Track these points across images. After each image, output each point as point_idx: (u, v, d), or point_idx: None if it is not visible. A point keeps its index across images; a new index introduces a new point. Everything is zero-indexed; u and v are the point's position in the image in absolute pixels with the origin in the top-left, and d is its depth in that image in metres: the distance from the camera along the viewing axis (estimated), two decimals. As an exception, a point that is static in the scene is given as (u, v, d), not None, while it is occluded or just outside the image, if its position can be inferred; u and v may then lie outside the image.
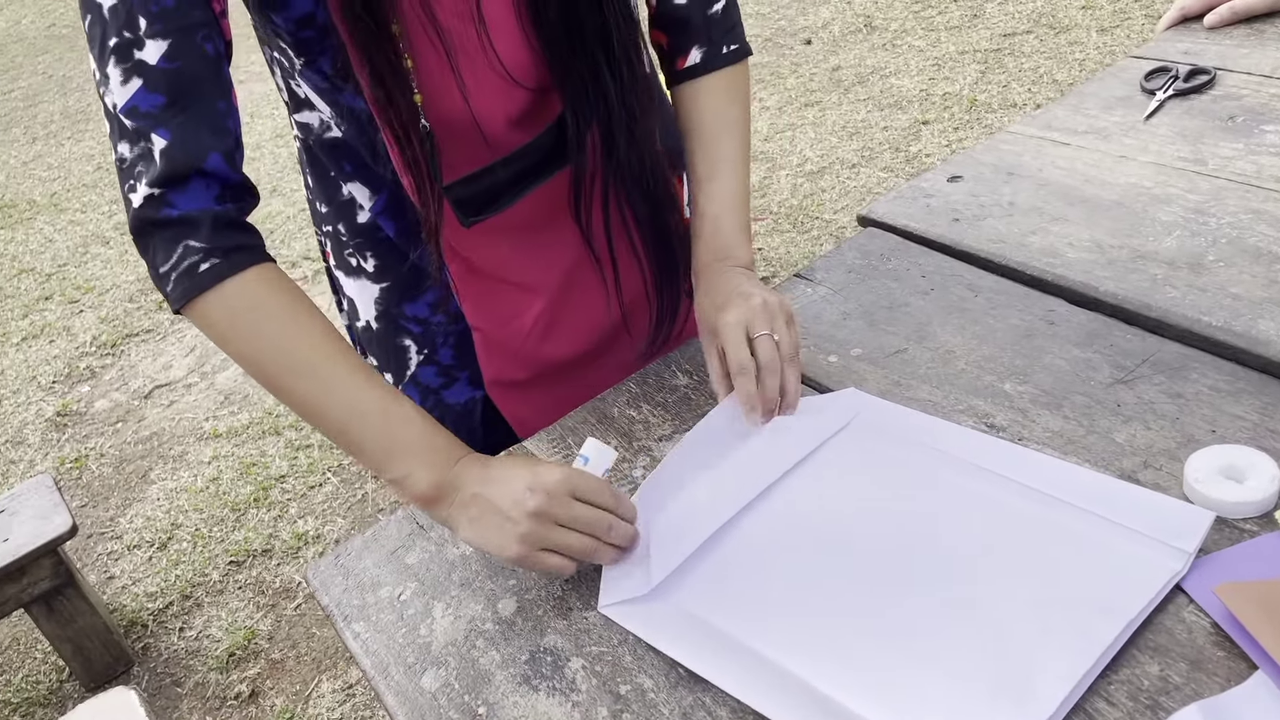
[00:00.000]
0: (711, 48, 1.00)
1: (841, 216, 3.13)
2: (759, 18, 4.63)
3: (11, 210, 4.65)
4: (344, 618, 0.87)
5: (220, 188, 0.81)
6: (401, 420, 0.83)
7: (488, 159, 0.97)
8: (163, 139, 0.78)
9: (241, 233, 0.83)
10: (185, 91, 0.79)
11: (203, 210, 0.80)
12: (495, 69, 0.92)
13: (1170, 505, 0.77)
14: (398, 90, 0.86)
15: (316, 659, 2.16)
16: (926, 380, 0.95)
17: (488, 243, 1.02)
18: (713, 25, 1.00)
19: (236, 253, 0.81)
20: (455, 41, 0.89)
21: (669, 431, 0.97)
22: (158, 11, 0.77)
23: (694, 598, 0.80)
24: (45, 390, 3.28)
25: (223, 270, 0.80)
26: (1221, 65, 1.34)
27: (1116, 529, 0.76)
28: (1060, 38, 3.72)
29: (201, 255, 0.80)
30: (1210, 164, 1.15)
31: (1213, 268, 1.00)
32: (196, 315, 0.82)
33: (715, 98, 1.00)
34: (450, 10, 0.88)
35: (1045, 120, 1.32)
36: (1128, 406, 0.87)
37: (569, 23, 0.90)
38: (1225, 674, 0.66)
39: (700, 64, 1.00)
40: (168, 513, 2.66)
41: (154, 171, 0.79)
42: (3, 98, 6.23)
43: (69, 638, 2.13)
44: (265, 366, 0.82)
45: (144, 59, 0.77)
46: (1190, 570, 0.72)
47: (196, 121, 0.79)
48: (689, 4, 0.99)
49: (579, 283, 1.09)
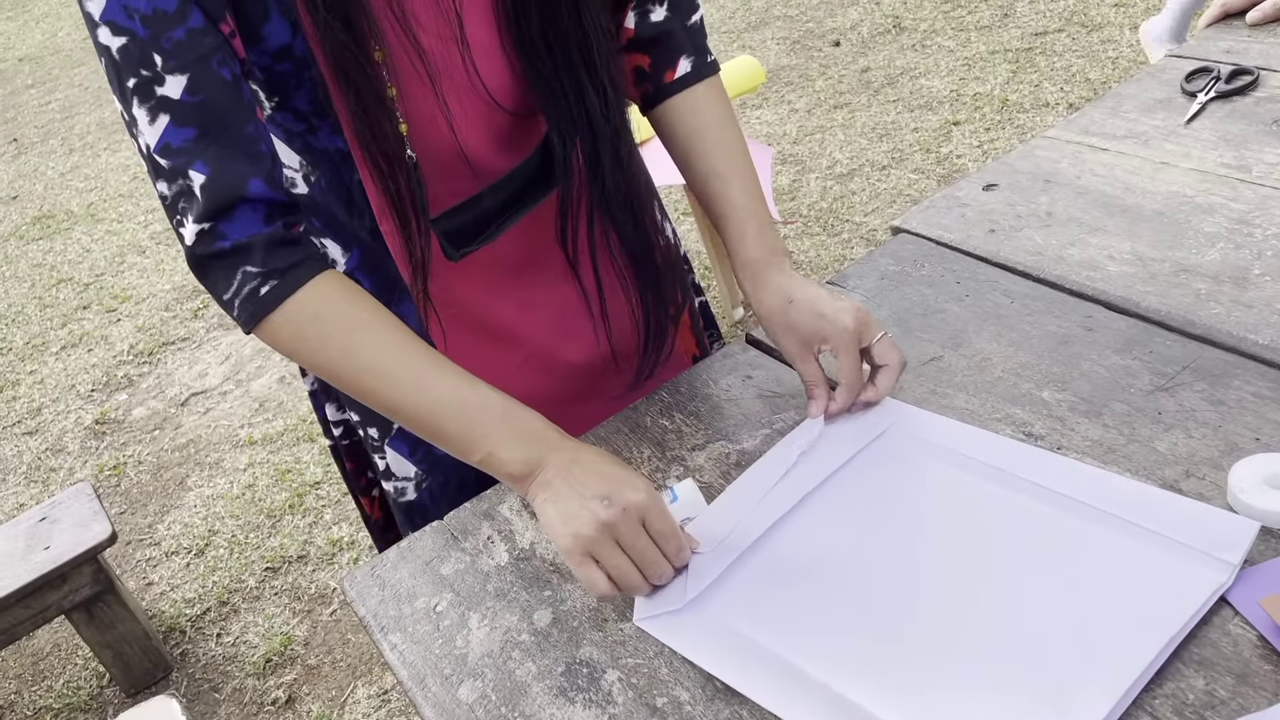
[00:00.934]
0: (699, 56, 1.00)
1: (872, 219, 3.12)
2: (786, 20, 4.62)
3: (50, 220, 4.73)
4: (380, 629, 0.87)
5: (267, 209, 0.81)
6: (478, 406, 0.83)
7: (474, 188, 0.97)
8: (201, 174, 0.78)
9: (295, 249, 0.83)
10: (214, 122, 0.78)
11: (254, 235, 0.81)
12: (480, 94, 0.91)
13: (1214, 515, 0.76)
14: (383, 119, 0.85)
15: (352, 665, 2.17)
16: (963, 388, 0.95)
17: (473, 282, 1.01)
18: (694, 35, 1.00)
19: (293, 270, 0.82)
20: (439, 66, 0.88)
21: (702, 441, 0.97)
22: (170, 47, 0.76)
23: (729, 610, 0.80)
24: (84, 399, 3.33)
25: (282, 290, 0.82)
26: (1265, 65, 1.31)
27: (1159, 540, 0.75)
28: (1093, 36, 3.68)
29: (260, 279, 0.81)
30: (1255, 171, 1.13)
31: (1258, 282, 0.98)
32: (266, 335, 0.84)
33: (715, 104, 1.00)
34: (433, 34, 0.86)
35: (1082, 124, 1.30)
36: (1169, 414, 0.86)
37: (550, 40, 0.90)
38: (1273, 687, 0.65)
39: (692, 72, 0.99)
40: (205, 519, 2.69)
41: (198, 207, 0.79)
42: (40, 109, 6.33)
43: (109, 644, 2.16)
44: (340, 374, 0.84)
45: (167, 94, 0.77)
46: (1235, 582, 0.71)
47: (231, 150, 0.79)
48: (669, 18, 0.99)
49: (568, 320, 1.07)
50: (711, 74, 1.00)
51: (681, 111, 1.00)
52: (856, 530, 0.84)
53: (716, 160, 0.99)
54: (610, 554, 0.78)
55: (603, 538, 0.78)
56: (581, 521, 0.77)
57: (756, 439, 0.96)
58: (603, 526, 0.77)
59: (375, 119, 0.85)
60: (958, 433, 0.89)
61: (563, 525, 0.78)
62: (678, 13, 0.99)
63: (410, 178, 0.89)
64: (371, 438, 1.07)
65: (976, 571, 0.77)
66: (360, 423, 1.07)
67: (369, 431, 1.07)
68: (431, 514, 1.00)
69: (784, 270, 0.95)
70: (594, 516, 0.77)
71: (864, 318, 0.90)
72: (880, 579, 0.79)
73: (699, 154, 0.99)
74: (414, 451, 1.07)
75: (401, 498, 1.09)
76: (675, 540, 0.80)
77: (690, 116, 0.99)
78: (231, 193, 0.79)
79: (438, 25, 0.86)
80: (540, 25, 0.89)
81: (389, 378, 0.83)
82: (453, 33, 0.87)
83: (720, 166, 0.98)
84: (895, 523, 0.83)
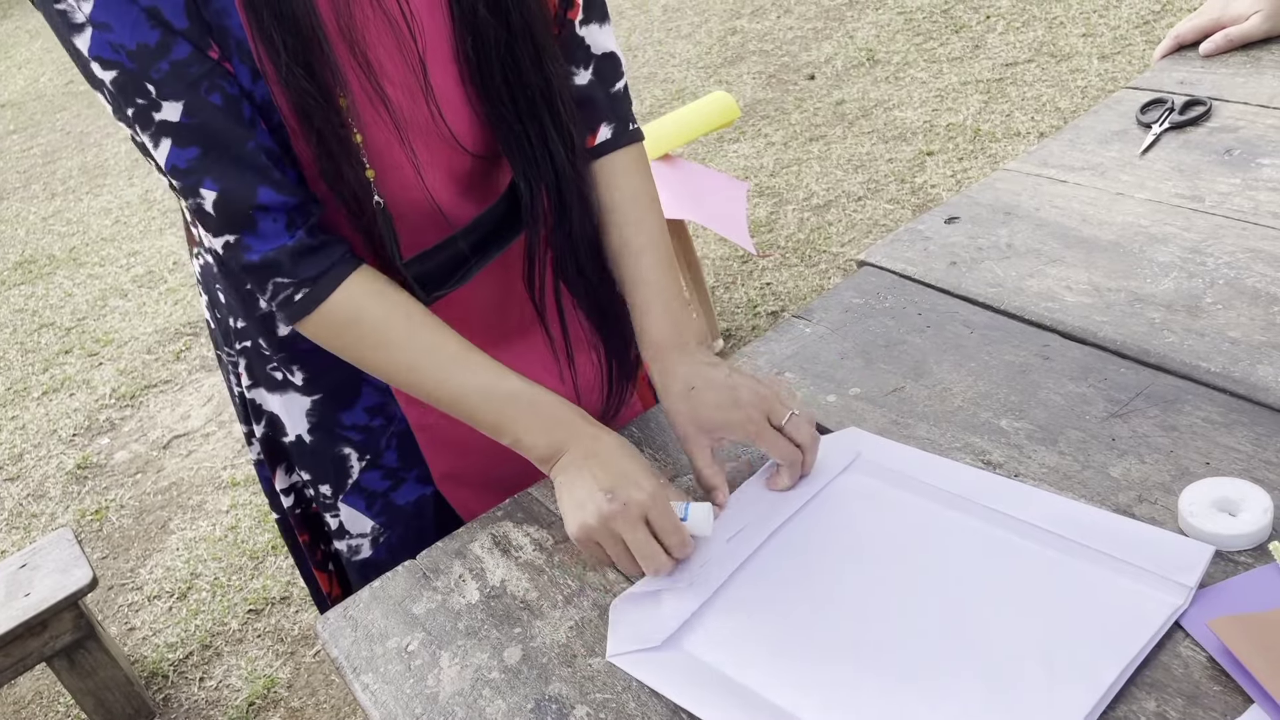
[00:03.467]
0: (619, 124, 0.99)
1: (849, 250, 3.15)
2: (762, 55, 4.68)
3: (32, 265, 4.73)
4: (353, 669, 0.88)
5: (286, 216, 0.84)
6: (506, 396, 0.89)
7: (443, 232, 0.97)
8: (211, 190, 0.82)
9: (322, 255, 0.87)
10: (215, 141, 0.81)
11: (279, 248, 0.84)
12: (446, 139, 0.92)
13: (1169, 540, 0.77)
14: (347, 166, 0.86)
15: (336, 706, 2.16)
16: (924, 418, 0.96)
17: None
18: (617, 102, 1.00)
19: (324, 277, 0.87)
20: (404, 113, 0.88)
21: (671, 475, 0.98)
22: (160, 78, 0.78)
23: (700, 644, 0.81)
24: (66, 443, 3.32)
25: (316, 295, 0.87)
26: (1217, 95, 1.34)
27: (1117, 564, 0.76)
28: (1061, 66, 3.74)
29: (292, 288, 0.86)
30: (1207, 200, 1.16)
31: (1211, 310, 1.00)
32: (308, 333, 0.90)
33: (634, 175, 0.99)
34: (397, 82, 0.87)
35: (1042, 156, 1.33)
36: (1122, 440, 0.88)
37: (513, 87, 0.91)
38: (1222, 709, 0.66)
39: (611, 139, 0.99)
40: (187, 562, 2.68)
41: (214, 224, 0.83)
42: (22, 154, 6.34)
43: (91, 690, 2.14)
44: (379, 369, 0.91)
45: (166, 119, 0.79)
46: (1186, 604, 0.73)
47: (237, 165, 0.82)
48: (590, 84, 0.98)
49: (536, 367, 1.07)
50: (630, 142, 1.00)
51: (599, 181, 0.99)
52: (823, 563, 0.85)
53: (629, 234, 0.98)
54: (611, 544, 0.85)
55: (604, 529, 0.84)
56: (588, 512, 0.84)
57: (726, 471, 0.97)
58: (604, 519, 0.83)
59: (340, 166, 0.86)
60: (920, 461, 0.91)
61: (572, 512, 0.85)
62: (601, 79, 0.99)
63: (378, 223, 0.90)
64: (324, 495, 1.06)
65: (941, 600, 0.78)
66: (311, 481, 1.06)
67: (320, 489, 1.06)
68: (387, 569, 0.98)
69: (686, 350, 0.94)
70: (597, 509, 0.83)
71: (768, 401, 0.89)
72: (846, 610, 0.80)
73: (613, 225, 0.99)
74: (371, 505, 1.07)
75: (356, 556, 1.08)
76: (676, 535, 0.84)
77: (607, 188, 0.99)
78: (243, 205, 0.82)
79: (401, 73, 0.87)
80: (502, 72, 0.90)
81: (422, 373, 0.89)
82: (417, 80, 0.88)
83: (633, 240, 0.98)
84: (861, 554, 0.85)
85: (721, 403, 0.90)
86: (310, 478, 1.06)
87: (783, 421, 0.90)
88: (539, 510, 0.99)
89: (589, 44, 0.97)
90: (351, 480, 1.06)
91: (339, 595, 1.17)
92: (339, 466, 1.06)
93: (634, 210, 0.99)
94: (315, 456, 1.07)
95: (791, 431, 0.90)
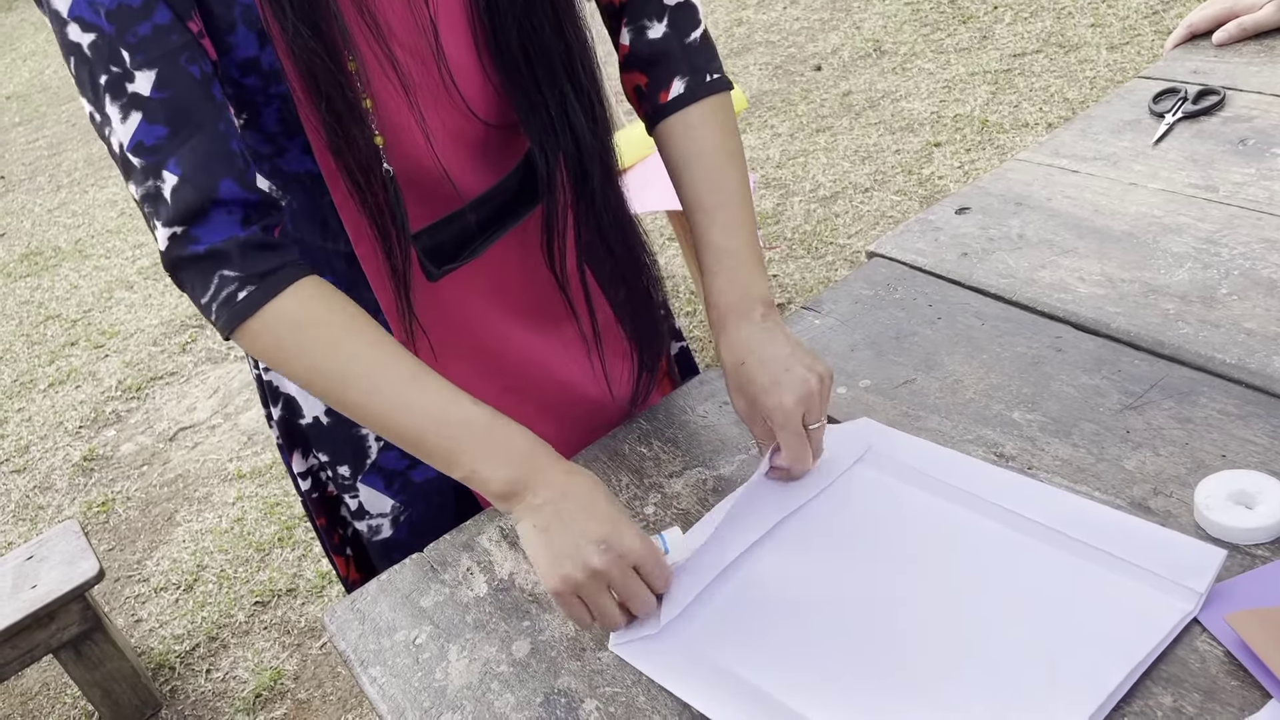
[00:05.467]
0: (695, 75, 0.95)
1: (856, 241, 3.14)
2: (768, 45, 4.66)
3: (38, 258, 4.73)
4: (361, 662, 0.87)
5: (243, 211, 0.79)
6: (461, 422, 0.81)
7: (454, 204, 0.94)
8: (173, 174, 0.77)
9: (273, 253, 0.81)
10: (184, 120, 0.77)
11: (229, 239, 0.78)
12: (457, 106, 0.89)
13: (1182, 543, 0.76)
14: (356, 131, 0.83)
15: (342, 698, 2.16)
16: (935, 410, 0.96)
17: (454, 304, 0.98)
18: (693, 53, 0.96)
19: (271, 275, 0.80)
20: (414, 78, 0.85)
21: (679, 468, 0.98)
22: (135, 42, 0.75)
23: (703, 636, 0.80)
24: (72, 435, 3.32)
25: (260, 296, 0.79)
26: (1231, 85, 1.33)
27: (1126, 567, 0.75)
28: (1070, 56, 3.72)
29: (237, 284, 0.79)
30: (1221, 191, 1.15)
31: (1226, 301, 0.99)
32: (245, 341, 0.82)
33: (710, 128, 0.95)
34: (406, 45, 0.84)
35: (1054, 146, 1.32)
36: (1137, 433, 0.87)
37: (531, 53, 0.87)
38: (1239, 703, 0.66)
39: (686, 93, 0.95)
40: (193, 554, 2.68)
41: (167, 212, 0.77)
42: (28, 147, 6.34)
43: (97, 682, 2.14)
44: (317, 383, 0.82)
45: (138, 91, 0.76)
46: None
47: (204, 150, 0.77)
48: (665, 35, 0.95)
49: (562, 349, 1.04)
50: (709, 94, 0.95)
51: (673, 135, 0.95)
52: (830, 556, 0.84)
53: (701, 192, 0.94)
54: (596, 596, 0.78)
55: (592, 583, 0.78)
56: (574, 564, 0.77)
57: (734, 465, 0.96)
58: (595, 573, 0.77)
59: (349, 131, 0.82)
60: (932, 456, 0.90)
61: (552, 563, 0.78)
62: (676, 30, 0.95)
63: (387, 191, 0.87)
64: (343, 476, 1.05)
65: (948, 598, 0.78)
66: (329, 463, 1.05)
67: (339, 471, 1.05)
68: (410, 549, 0.98)
69: (750, 319, 0.89)
70: (586, 562, 0.77)
71: (810, 398, 0.85)
72: (852, 605, 0.79)
73: (686, 183, 0.95)
74: (390, 484, 1.06)
75: (376, 536, 1.07)
76: (663, 578, 0.81)
77: (685, 139, 0.95)
78: (203, 196, 0.77)
79: (412, 36, 0.84)
80: (519, 37, 0.87)
81: (370, 389, 0.80)
82: (428, 43, 0.85)
83: (705, 199, 0.93)
84: (868, 549, 0.84)
85: (765, 384, 0.85)
86: (328, 459, 1.05)
87: (813, 425, 0.86)
88: (547, 503, 0.98)
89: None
90: (370, 460, 1.04)
91: (358, 580, 1.16)
92: (357, 447, 1.04)
93: (707, 166, 0.93)
94: (333, 437, 1.04)
95: (812, 437, 0.87)
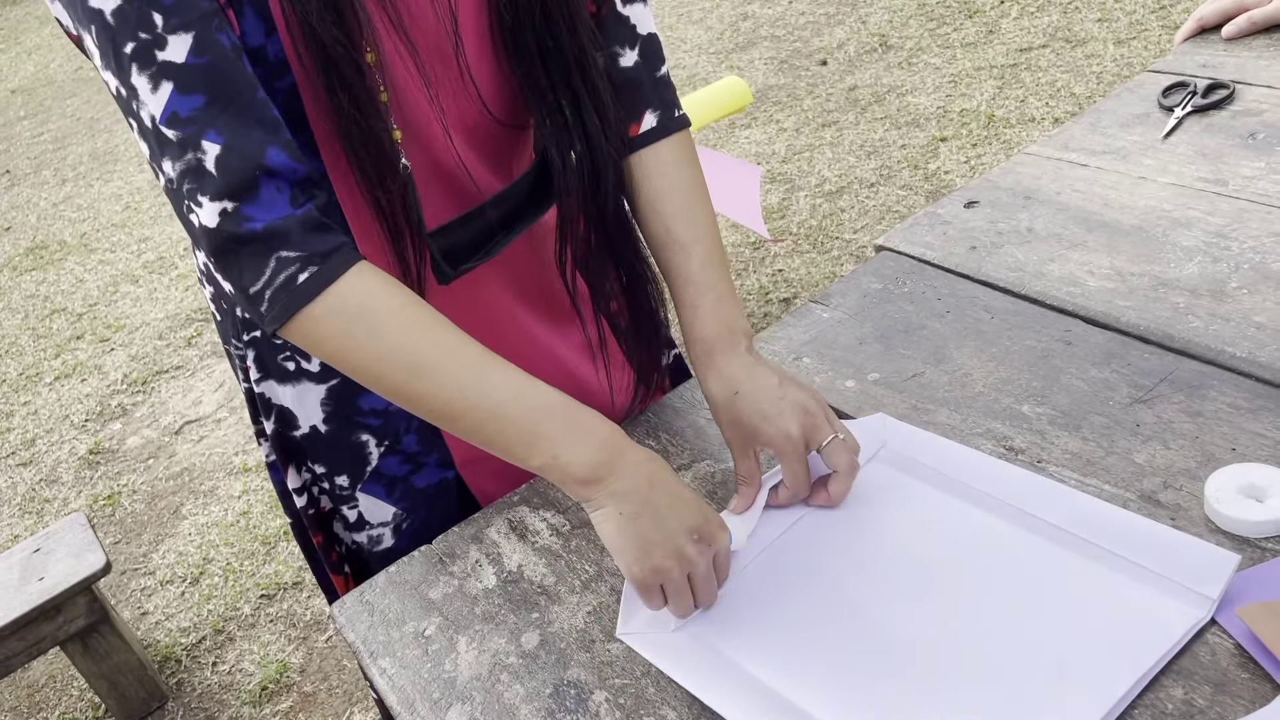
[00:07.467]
0: (665, 110, 0.94)
1: (861, 236, 3.13)
2: (774, 40, 4.65)
3: (43, 251, 4.74)
4: (370, 654, 0.88)
5: (291, 188, 0.74)
6: (540, 406, 0.77)
7: (472, 201, 0.93)
8: (214, 144, 0.71)
9: (330, 234, 0.75)
10: (223, 87, 0.71)
11: (286, 218, 0.73)
12: (474, 102, 0.88)
13: (1197, 547, 0.75)
14: (376, 124, 0.80)
15: (348, 691, 2.17)
16: (944, 404, 0.95)
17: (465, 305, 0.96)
18: (662, 88, 0.95)
19: (335, 254, 0.74)
20: (433, 70, 0.84)
21: (687, 461, 0.98)
22: (171, 4, 0.70)
23: (711, 630, 0.80)
24: (78, 429, 3.33)
25: (326, 276, 0.73)
26: (1240, 78, 1.33)
27: (1139, 571, 0.75)
28: (1077, 51, 3.71)
29: (299, 265, 0.73)
30: (1231, 184, 1.14)
31: (1235, 295, 0.99)
32: (302, 330, 0.75)
33: (682, 165, 0.94)
34: (428, 41, 0.82)
35: (1063, 140, 1.32)
36: (1147, 426, 0.87)
37: (546, 51, 0.87)
38: (1250, 696, 0.66)
39: (658, 127, 0.94)
40: (199, 548, 2.69)
41: (214, 185, 0.71)
42: (33, 141, 6.35)
43: (104, 675, 2.15)
44: (387, 373, 0.76)
45: (170, 59, 0.70)
46: (1213, 591, 0.72)
47: (245, 117, 0.72)
48: (636, 65, 0.93)
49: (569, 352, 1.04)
50: (678, 129, 0.95)
51: (647, 170, 0.94)
52: (841, 555, 0.84)
53: (677, 226, 0.92)
54: (678, 584, 0.78)
55: (679, 571, 0.77)
56: (666, 553, 0.76)
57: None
58: (683, 561, 0.77)
59: (368, 124, 0.80)
60: (947, 453, 0.90)
61: (642, 552, 0.76)
62: (647, 61, 0.94)
63: (404, 188, 0.85)
64: (340, 487, 1.03)
65: (959, 599, 0.77)
66: (326, 474, 1.03)
67: (336, 481, 1.03)
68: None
69: (736, 352, 0.89)
70: (680, 551, 0.77)
71: (811, 421, 0.84)
72: (861, 604, 0.79)
73: (658, 217, 0.93)
74: (391, 491, 1.04)
75: (377, 546, 1.06)
76: (728, 568, 0.82)
77: (657, 175, 0.93)
78: (250, 164, 0.71)
79: (432, 25, 0.82)
80: (536, 35, 0.86)
81: (443, 378, 0.76)
82: (447, 34, 0.83)
83: (681, 233, 0.92)
84: (880, 548, 0.84)
85: (763, 412, 0.85)
86: (325, 470, 1.03)
87: (823, 444, 0.85)
88: (556, 495, 0.98)
89: (634, 23, 0.94)
90: (370, 467, 1.03)
91: None
92: (357, 454, 1.03)
93: (681, 202, 0.93)
94: (331, 446, 1.02)
95: (829, 456, 0.86)
